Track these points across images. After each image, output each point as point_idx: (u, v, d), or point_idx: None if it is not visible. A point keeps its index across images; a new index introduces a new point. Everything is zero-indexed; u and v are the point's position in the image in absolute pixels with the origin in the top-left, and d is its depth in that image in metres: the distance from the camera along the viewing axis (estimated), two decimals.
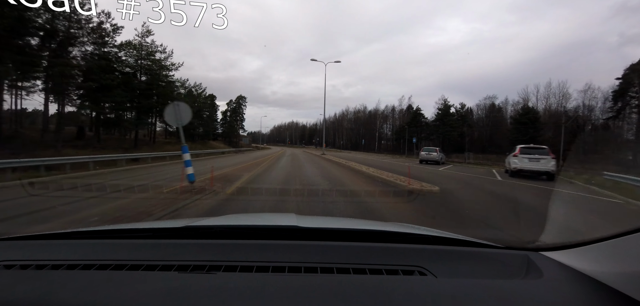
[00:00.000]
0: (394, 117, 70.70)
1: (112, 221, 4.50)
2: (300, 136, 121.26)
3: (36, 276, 0.92)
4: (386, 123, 73.69)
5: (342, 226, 1.43)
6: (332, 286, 0.86)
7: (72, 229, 1.35)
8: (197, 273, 0.91)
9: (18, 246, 1.22)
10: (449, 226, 4.84)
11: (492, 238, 1.27)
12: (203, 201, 6.26)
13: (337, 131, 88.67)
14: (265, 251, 1.10)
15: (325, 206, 6.04)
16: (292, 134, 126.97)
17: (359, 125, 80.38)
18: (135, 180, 9.97)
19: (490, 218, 5.57)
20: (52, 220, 4.78)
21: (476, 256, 1.14)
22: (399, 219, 4.97)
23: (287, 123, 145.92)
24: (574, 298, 0.83)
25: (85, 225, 4.36)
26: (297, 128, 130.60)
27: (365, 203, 6.74)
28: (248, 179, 10.04)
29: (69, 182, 9.10)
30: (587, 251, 0.96)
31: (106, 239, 1.32)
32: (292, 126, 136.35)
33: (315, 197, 7.11)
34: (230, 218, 1.74)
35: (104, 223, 4.30)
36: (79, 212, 5.31)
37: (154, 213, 5.15)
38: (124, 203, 6.08)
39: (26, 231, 1.35)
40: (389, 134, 71.90)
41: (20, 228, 4.29)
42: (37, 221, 4.70)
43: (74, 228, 1.37)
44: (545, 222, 4.88)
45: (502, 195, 8.51)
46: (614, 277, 0.81)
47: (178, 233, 1.26)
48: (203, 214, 5.23)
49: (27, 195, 7.03)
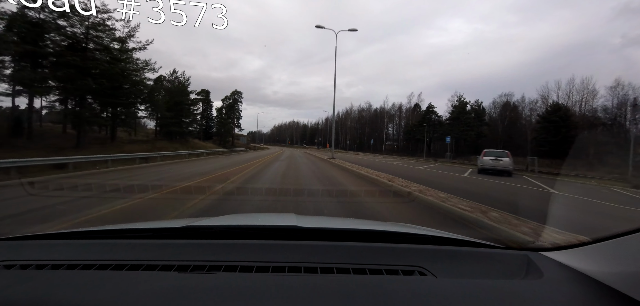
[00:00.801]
0: (401, 116, 65.97)
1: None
2: (301, 135, 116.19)
3: (36, 276, 0.91)
4: (392, 123, 68.60)
5: (342, 226, 1.42)
6: (332, 286, 0.86)
7: (72, 229, 1.35)
8: (197, 273, 0.91)
9: (18, 246, 1.21)
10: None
11: (492, 238, 1.30)
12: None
13: (341, 131, 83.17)
14: (265, 251, 1.10)
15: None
16: (293, 134, 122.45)
17: (364, 124, 74.89)
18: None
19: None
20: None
21: (476, 256, 1.13)
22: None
23: (287, 122, 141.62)
24: (574, 298, 0.83)
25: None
26: (298, 128, 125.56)
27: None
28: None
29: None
30: (587, 251, 0.96)
31: (106, 239, 1.32)
32: (293, 125, 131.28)
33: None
34: (230, 218, 1.69)
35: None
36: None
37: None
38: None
39: (26, 231, 1.34)
40: (395, 134, 67.30)
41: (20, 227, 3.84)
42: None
43: (73, 228, 1.37)
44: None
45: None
46: (614, 277, 0.81)
47: (178, 233, 1.26)
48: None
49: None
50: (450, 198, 6.24)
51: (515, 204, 6.51)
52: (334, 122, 32.95)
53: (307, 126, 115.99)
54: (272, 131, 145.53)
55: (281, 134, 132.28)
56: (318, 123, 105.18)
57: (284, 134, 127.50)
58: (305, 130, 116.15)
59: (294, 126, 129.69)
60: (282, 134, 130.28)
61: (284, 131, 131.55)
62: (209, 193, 6.52)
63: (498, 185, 10.43)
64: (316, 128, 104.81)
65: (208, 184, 8.03)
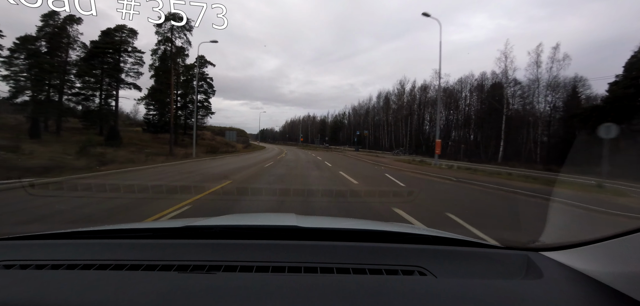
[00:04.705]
0: (471, 96, 44.01)
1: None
2: (320, 131, 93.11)
3: (36, 276, 0.91)
4: (451, 109, 46.74)
5: (342, 226, 1.41)
6: (332, 286, 0.86)
7: (72, 229, 1.32)
8: (197, 273, 0.91)
9: (18, 246, 1.20)
10: None
11: (492, 238, 1.27)
12: None
13: (381, 127, 60.73)
14: (265, 251, 1.09)
15: None
16: (308, 130, 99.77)
17: (402, 115, 52.47)
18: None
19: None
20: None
21: (476, 256, 1.12)
22: None
23: (302, 117, 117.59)
24: (574, 298, 0.83)
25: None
26: (315, 123, 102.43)
27: None
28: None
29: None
30: (587, 251, 0.95)
31: (106, 239, 1.30)
32: (308, 120, 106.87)
33: None
34: (230, 218, 1.69)
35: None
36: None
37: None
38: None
39: (26, 231, 1.30)
40: (460, 120, 45.12)
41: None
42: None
43: (73, 228, 1.35)
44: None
45: None
46: (614, 277, 0.80)
47: (178, 233, 1.25)
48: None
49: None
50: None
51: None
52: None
53: (327, 121, 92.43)
54: (284, 127, 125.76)
55: (294, 131, 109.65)
56: (345, 113, 79.96)
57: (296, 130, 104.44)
58: (324, 126, 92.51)
59: (309, 121, 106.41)
60: (295, 130, 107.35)
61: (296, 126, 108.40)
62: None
63: None
64: (341, 122, 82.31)
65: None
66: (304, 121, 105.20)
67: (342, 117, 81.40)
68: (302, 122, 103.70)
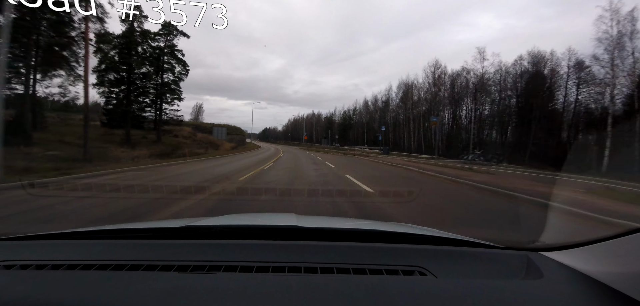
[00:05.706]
0: (506, 86, 36.19)
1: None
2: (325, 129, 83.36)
3: (36, 276, 0.91)
4: (476, 103, 38.25)
5: (342, 226, 1.41)
6: (332, 286, 0.86)
7: (72, 229, 1.32)
8: (197, 273, 0.91)
9: (18, 246, 1.19)
10: None
11: (492, 238, 1.23)
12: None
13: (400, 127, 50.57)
14: (265, 251, 1.09)
15: None
16: (312, 129, 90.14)
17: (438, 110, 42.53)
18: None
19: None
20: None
21: (476, 256, 1.12)
22: None
23: (306, 114, 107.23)
24: (574, 298, 0.83)
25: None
26: (320, 121, 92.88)
27: None
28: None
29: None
30: (587, 251, 0.94)
31: (106, 239, 1.30)
32: (313, 118, 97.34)
33: None
34: (230, 218, 1.68)
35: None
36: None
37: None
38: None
39: (26, 231, 1.30)
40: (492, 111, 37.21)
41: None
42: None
43: (73, 228, 1.34)
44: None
45: None
46: (614, 277, 0.80)
47: (178, 233, 1.24)
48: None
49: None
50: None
51: None
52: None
53: (333, 118, 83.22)
54: (286, 126, 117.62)
55: (297, 130, 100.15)
56: (356, 108, 69.88)
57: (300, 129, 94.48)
58: (330, 124, 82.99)
59: (313, 119, 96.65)
60: (299, 129, 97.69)
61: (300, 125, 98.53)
62: None
63: None
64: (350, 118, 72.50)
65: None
66: (309, 119, 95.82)
67: (353, 114, 71.38)
68: (306, 120, 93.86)
